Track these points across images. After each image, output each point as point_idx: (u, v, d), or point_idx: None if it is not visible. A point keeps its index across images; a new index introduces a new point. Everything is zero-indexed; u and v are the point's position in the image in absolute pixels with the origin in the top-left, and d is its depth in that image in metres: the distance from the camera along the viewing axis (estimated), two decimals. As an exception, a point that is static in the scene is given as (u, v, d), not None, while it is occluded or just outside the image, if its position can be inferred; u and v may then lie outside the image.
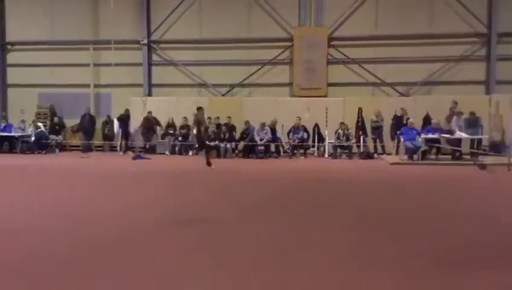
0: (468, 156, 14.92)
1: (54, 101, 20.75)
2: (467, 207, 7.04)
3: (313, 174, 11.99)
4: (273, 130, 17.40)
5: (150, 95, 20.31)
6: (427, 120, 16.66)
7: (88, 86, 20.86)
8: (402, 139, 15.12)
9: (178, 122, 18.57)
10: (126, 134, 18.78)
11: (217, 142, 16.91)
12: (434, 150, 15.25)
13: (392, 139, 16.86)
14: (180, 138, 18.23)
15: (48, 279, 3.65)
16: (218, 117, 17.67)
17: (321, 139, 17.70)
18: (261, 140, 16.96)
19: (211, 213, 6.43)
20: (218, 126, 17.48)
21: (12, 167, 13.74)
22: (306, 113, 17.90)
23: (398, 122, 16.56)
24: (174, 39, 20.42)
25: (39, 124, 19.07)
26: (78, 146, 19.58)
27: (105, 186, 9.55)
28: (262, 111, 17.71)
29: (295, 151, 17.19)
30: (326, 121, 17.69)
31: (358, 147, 17.11)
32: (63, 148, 19.72)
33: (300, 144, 17.18)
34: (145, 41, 20.33)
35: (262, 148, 17.05)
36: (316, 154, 17.68)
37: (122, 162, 14.91)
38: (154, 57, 20.80)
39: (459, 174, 11.92)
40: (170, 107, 18.96)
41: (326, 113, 17.78)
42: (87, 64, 20.80)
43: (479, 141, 15.65)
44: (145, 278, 3.67)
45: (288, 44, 19.72)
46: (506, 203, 7.52)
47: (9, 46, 21.60)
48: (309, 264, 4.04)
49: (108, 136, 19.36)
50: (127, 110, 18.95)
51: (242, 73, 19.87)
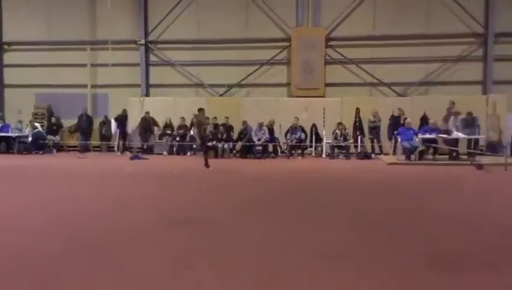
0: (465, 156, 14.98)
1: (51, 102, 20.75)
2: (464, 207, 7.05)
3: (310, 175, 11.99)
4: (271, 130, 17.42)
5: (147, 95, 20.32)
6: (425, 120, 16.70)
7: (85, 86, 20.86)
8: (399, 139, 15.17)
9: (175, 123, 18.58)
10: (123, 134, 18.79)
11: (214, 142, 16.92)
12: (431, 150, 15.30)
13: (390, 139, 16.91)
14: (177, 138, 18.23)
15: (44, 278, 3.64)
16: (215, 117, 17.70)
17: (319, 140, 17.73)
18: (259, 140, 16.98)
19: (208, 213, 6.42)
20: (216, 126, 17.49)
21: (9, 167, 13.72)
22: (304, 113, 17.93)
23: (396, 123, 16.62)
24: (172, 39, 20.42)
25: (36, 124, 19.06)
26: (75, 146, 19.59)
27: (103, 187, 9.53)
28: (260, 111, 17.75)
29: (293, 152, 17.20)
30: (324, 121, 17.73)
31: (356, 147, 17.14)
32: (60, 148, 19.72)
33: (298, 144, 17.20)
34: (143, 41, 20.34)
35: (260, 148, 17.08)
36: (313, 154, 17.72)
37: (119, 163, 14.89)
38: (152, 57, 20.81)
39: (456, 174, 11.94)
40: (168, 108, 18.96)
41: (324, 113, 17.84)
42: (85, 65, 20.79)
43: (476, 141, 15.71)
44: (142, 278, 3.66)
45: (286, 44, 19.74)
46: (503, 203, 7.53)
47: (6, 46, 21.59)
48: (307, 264, 4.04)
49: (106, 137, 19.37)
50: (125, 111, 18.97)
51: (240, 73, 19.89)
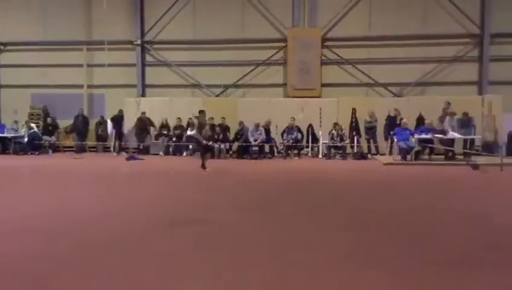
0: (461, 156, 15.01)
1: (47, 102, 20.66)
2: (461, 207, 7.08)
3: (307, 175, 12.02)
4: (267, 131, 17.41)
5: (143, 95, 20.28)
6: (420, 120, 16.75)
7: (81, 86, 20.79)
8: (395, 140, 15.19)
9: (172, 123, 18.56)
10: (120, 135, 18.74)
11: (210, 142, 16.87)
12: (427, 150, 15.34)
13: (386, 139, 16.94)
14: (174, 138, 18.21)
15: (44, 278, 3.63)
16: (212, 118, 17.63)
17: (315, 140, 17.74)
18: (255, 141, 16.97)
19: (205, 213, 6.42)
20: (212, 127, 17.45)
21: (4, 167, 13.67)
22: (300, 113, 17.94)
23: (392, 123, 16.64)
24: (168, 40, 20.39)
25: (32, 124, 19.01)
26: (71, 147, 19.51)
27: (99, 187, 9.50)
28: (256, 112, 17.73)
29: (289, 152, 17.21)
30: (320, 121, 17.74)
31: (352, 147, 17.17)
32: (56, 149, 19.64)
33: (294, 144, 17.20)
34: (139, 41, 20.29)
35: (257, 148, 17.07)
36: (310, 154, 17.72)
37: (115, 163, 14.86)
38: (148, 58, 20.77)
39: (452, 174, 11.99)
40: (164, 108, 18.94)
41: (320, 113, 17.84)
42: (81, 65, 20.73)
43: (472, 141, 15.75)
44: (142, 279, 3.66)
45: (282, 45, 19.75)
46: (499, 203, 7.57)
47: (2, 47, 21.48)
48: (308, 264, 4.04)
49: (102, 137, 19.30)
50: (121, 111, 18.92)
51: (236, 74, 19.88)
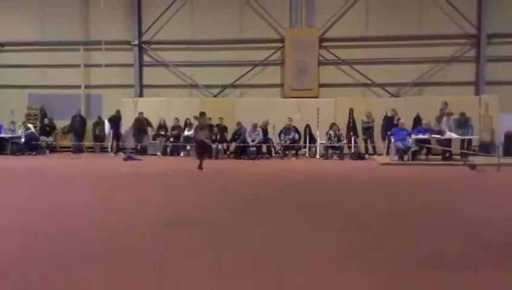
0: (458, 157, 15.06)
1: (44, 102, 20.61)
2: (458, 207, 7.09)
3: (305, 175, 12.02)
4: (265, 131, 17.43)
5: (141, 95, 20.26)
6: (418, 121, 16.77)
7: (79, 86, 20.76)
8: (393, 140, 15.23)
9: (169, 123, 18.54)
10: (117, 135, 18.73)
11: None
12: (424, 150, 15.38)
13: (383, 139, 16.97)
14: (171, 138, 18.20)
15: (37, 278, 3.63)
16: (210, 118, 17.59)
17: (312, 140, 17.75)
18: (253, 141, 16.98)
19: (203, 214, 6.41)
20: (210, 127, 17.42)
21: (1, 168, 13.64)
22: (297, 114, 17.95)
23: (389, 123, 16.68)
24: (165, 40, 20.37)
25: (29, 125, 18.98)
26: (68, 147, 19.47)
27: (96, 187, 9.49)
28: (254, 112, 17.73)
29: (286, 152, 17.21)
30: (318, 121, 17.76)
31: (350, 147, 17.18)
32: (53, 149, 19.62)
33: (291, 144, 17.21)
34: (136, 42, 20.27)
35: (254, 149, 17.07)
36: (307, 155, 17.74)
37: (113, 163, 14.84)
38: (145, 58, 20.75)
39: (449, 174, 12.01)
40: (161, 108, 18.93)
41: (318, 114, 17.87)
42: (78, 65, 20.69)
43: (469, 141, 15.82)
44: (137, 280, 3.66)
45: (280, 45, 19.76)
46: (496, 203, 7.58)
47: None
48: (305, 264, 4.05)
49: (99, 137, 19.28)
50: (118, 111, 18.91)
51: (233, 74, 19.87)
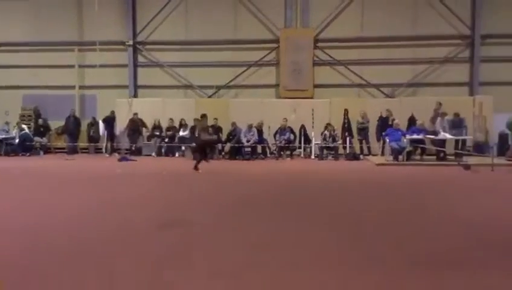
0: (453, 157, 15.10)
1: (38, 103, 20.50)
2: (452, 207, 7.11)
3: (299, 175, 12.02)
4: (260, 132, 17.41)
5: (135, 96, 20.19)
6: (412, 121, 16.79)
7: (73, 87, 20.67)
8: (387, 140, 15.26)
9: (164, 124, 18.51)
10: (111, 136, 18.68)
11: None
12: (419, 150, 15.40)
13: (378, 140, 17.00)
14: (166, 139, 18.17)
15: (28, 279, 3.61)
16: (215, 118, 17.54)
17: (307, 141, 17.75)
18: (248, 141, 16.96)
19: (197, 214, 6.41)
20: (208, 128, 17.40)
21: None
22: (292, 114, 17.95)
23: (384, 124, 16.70)
24: (160, 40, 20.32)
25: (23, 126, 18.90)
26: (63, 148, 19.40)
27: (91, 188, 9.45)
28: (249, 112, 17.72)
29: (282, 153, 17.20)
30: (313, 122, 17.76)
31: (345, 148, 17.18)
32: (47, 150, 19.53)
33: (286, 145, 17.19)
34: (131, 42, 20.21)
35: (249, 149, 17.06)
36: (302, 155, 17.73)
37: (107, 164, 14.81)
38: (140, 58, 20.69)
39: (443, 174, 12.03)
40: (156, 109, 18.88)
41: (313, 114, 17.86)
42: (72, 66, 20.59)
43: (463, 141, 15.86)
44: (133, 280, 3.64)
45: (275, 45, 19.75)
46: (490, 203, 7.60)
47: (-7, 47, 21.33)
48: (299, 264, 4.05)
49: (94, 138, 19.21)
50: (113, 112, 18.85)
51: (228, 74, 19.85)
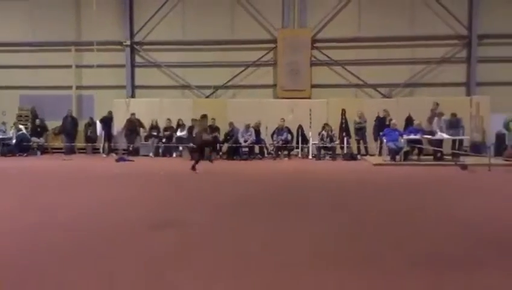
0: (450, 157, 15.14)
1: (35, 103, 20.47)
2: (450, 207, 7.12)
3: (296, 176, 12.03)
4: (257, 132, 17.41)
5: (133, 96, 20.17)
6: (409, 121, 16.82)
7: (70, 87, 20.64)
8: (385, 140, 15.28)
9: (162, 124, 18.50)
10: (109, 136, 18.67)
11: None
12: (416, 150, 15.45)
13: (375, 140, 17.04)
14: (163, 139, 18.16)
15: (17, 281, 3.61)
16: (213, 119, 17.51)
17: (305, 141, 17.76)
18: (245, 141, 16.97)
19: (195, 214, 6.41)
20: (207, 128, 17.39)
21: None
22: (290, 114, 17.96)
23: (381, 124, 16.73)
24: (157, 40, 20.30)
25: (20, 126, 18.86)
26: (60, 148, 19.35)
27: (88, 188, 9.43)
28: (247, 113, 17.71)
29: (279, 153, 17.21)
30: (310, 122, 17.78)
31: (342, 148, 17.20)
32: (44, 150, 19.49)
33: (284, 145, 17.20)
34: (128, 42, 20.18)
35: (247, 149, 17.06)
36: (299, 155, 17.73)
37: (105, 165, 14.79)
38: (137, 59, 20.67)
39: (440, 174, 12.05)
40: (153, 109, 18.87)
41: (310, 114, 17.89)
42: (69, 66, 20.56)
43: (460, 141, 15.91)
44: (130, 280, 3.64)
45: (272, 46, 19.76)
46: (487, 203, 7.61)
47: (-10, 48, 21.27)
48: (297, 264, 4.05)
49: (91, 138, 19.18)
50: (110, 112, 18.83)
51: (226, 75, 19.84)
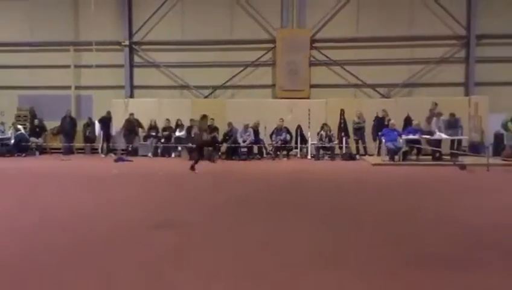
0: (448, 157, 15.14)
1: (34, 103, 20.43)
2: (449, 207, 7.13)
3: (295, 176, 12.03)
4: (256, 132, 17.41)
5: (131, 96, 20.15)
6: (408, 121, 16.84)
7: (69, 87, 20.61)
8: (383, 140, 15.28)
9: (160, 124, 18.49)
10: (108, 136, 18.64)
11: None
12: (415, 150, 15.44)
13: (374, 140, 17.04)
14: (162, 139, 18.15)
15: (14, 280, 3.61)
16: (212, 119, 17.48)
17: (304, 141, 17.76)
18: (244, 142, 16.96)
19: (193, 215, 6.41)
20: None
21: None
22: (289, 114, 17.96)
23: (380, 124, 16.73)
24: (156, 40, 20.28)
25: (19, 126, 18.82)
26: (58, 149, 19.34)
27: (87, 189, 9.43)
28: (245, 113, 17.70)
29: (278, 153, 17.21)
30: (309, 122, 17.79)
31: (341, 148, 17.20)
32: (43, 151, 19.46)
33: (283, 145, 17.19)
34: (127, 42, 20.16)
35: (245, 150, 17.05)
36: (298, 155, 17.73)
37: (103, 165, 14.78)
38: (136, 59, 20.64)
39: (439, 174, 12.07)
40: (152, 109, 18.86)
41: (309, 114, 17.89)
42: (68, 66, 20.55)
43: (459, 141, 15.91)
44: (129, 280, 3.64)
45: (271, 46, 19.75)
46: (486, 203, 7.61)
47: (-12, 48, 21.23)
48: (296, 264, 4.06)
49: (90, 139, 19.15)
50: (109, 112, 18.80)
51: (225, 75, 19.82)
